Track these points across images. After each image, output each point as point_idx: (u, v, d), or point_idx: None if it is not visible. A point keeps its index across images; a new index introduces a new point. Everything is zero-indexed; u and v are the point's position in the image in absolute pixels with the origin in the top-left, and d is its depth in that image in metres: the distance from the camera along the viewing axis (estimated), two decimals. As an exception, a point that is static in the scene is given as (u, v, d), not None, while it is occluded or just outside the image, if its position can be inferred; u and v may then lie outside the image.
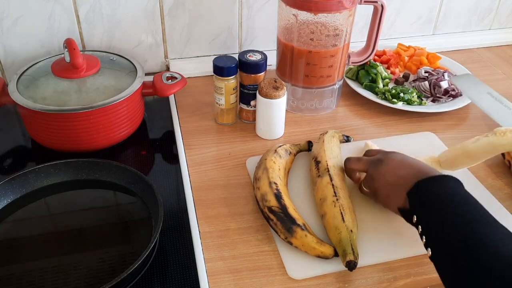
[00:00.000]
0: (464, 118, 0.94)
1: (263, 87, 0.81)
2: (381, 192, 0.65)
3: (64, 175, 0.73)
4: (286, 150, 0.77)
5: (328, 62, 0.85)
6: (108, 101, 0.77)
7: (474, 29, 1.25)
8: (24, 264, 0.62)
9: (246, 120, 0.90)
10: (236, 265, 0.64)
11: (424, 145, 0.85)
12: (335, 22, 0.81)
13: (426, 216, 0.56)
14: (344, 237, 0.62)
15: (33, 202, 0.71)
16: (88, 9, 0.94)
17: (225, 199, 0.74)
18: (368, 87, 0.98)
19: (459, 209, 0.54)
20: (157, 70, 1.06)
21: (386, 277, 0.63)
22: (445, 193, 0.56)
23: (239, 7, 1.02)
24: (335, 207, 0.65)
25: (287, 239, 0.64)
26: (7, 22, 0.91)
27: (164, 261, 0.64)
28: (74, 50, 0.79)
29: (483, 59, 1.17)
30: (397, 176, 0.62)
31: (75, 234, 0.67)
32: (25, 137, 0.87)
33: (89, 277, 0.60)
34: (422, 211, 0.57)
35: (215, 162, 0.81)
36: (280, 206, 0.66)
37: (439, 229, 0.54)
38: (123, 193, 0.72)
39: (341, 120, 0.92)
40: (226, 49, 1.08)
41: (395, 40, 1.16)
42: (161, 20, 1.00)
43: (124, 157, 0.83)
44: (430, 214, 0.56)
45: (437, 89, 0.97)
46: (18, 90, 0.79)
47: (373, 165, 0.67)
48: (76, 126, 0.78)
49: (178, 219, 0.70)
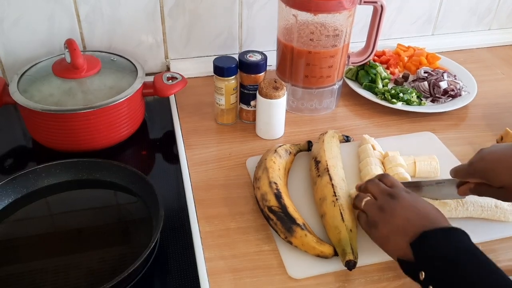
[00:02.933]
0: (463, 118, 0.94)
1: (263, 87, 0.81)
2: (381, 227, 0.59)
3: (64, 175, 0.74)
4: (286, 150, 0.77)
5: (327, 62, 0.85)
6: (109, 101, 0.78)
7: (473, 29, 1.25)
8: (25, 264, 0.62)
9: (246, 120, 0.91)
10: (236, 264, 0.64)
11: (424, 145, 0.85)
12: (334, 23, 0.81)
13: (438, 275, 0.51)
14: (344, 236, 0.63)
15: (34, 202, 0.71)
16: (88, 9, 0.94)
17: (225, 199, 0.74)
18: (367, 87, 0.98)
19: (470, 267, 0.51)
20: (158, 70, 1.07)
21: (385, 276, 0.63)
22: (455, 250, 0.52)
23: (239, 7, 1.02)
24: (335, 207, 0.66)
25: (287, 239, 0.64)
26: (8, 22, 0.91)
27: (164, 261, 0.64)
28: (74, 51, 0.79)
29: (483, 59, 1.17)
30: (404, 217, 0.57)
31: (76, 234, 0.67)
32: (26, 137, 0.87)
33: (89, 277, 0.60)
34: (433, 269, 0.52)
35: (215, 162, 0.81)
36: (280, 206, 0.66)
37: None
38: (124, 193, 0.73)
39: (341, 120, 0.93)
40: (226, 49, 1.08)
41: (394, 40, 1.16)
42: (162, 20, 1.00)
43: (125, 157, 0.84)
44: (443, 273, 0.51)
45: (436, 89, 0.97)
46: (19, 90, 0.79)
47: (385, 196, 0.61)
48: (76, 126, 0.78)
49: (178, 219, 0.70)
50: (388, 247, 0.59)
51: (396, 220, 0.58)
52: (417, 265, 0.53)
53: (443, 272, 0.51)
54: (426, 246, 0.53)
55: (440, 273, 0.51)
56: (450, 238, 0.53)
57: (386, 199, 0.60)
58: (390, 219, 0.58)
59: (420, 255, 0.53)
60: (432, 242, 0.53)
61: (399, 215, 0.58)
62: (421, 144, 0.85)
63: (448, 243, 0.53)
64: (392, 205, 0.59)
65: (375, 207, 0.61)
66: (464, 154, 0.83)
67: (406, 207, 0.58)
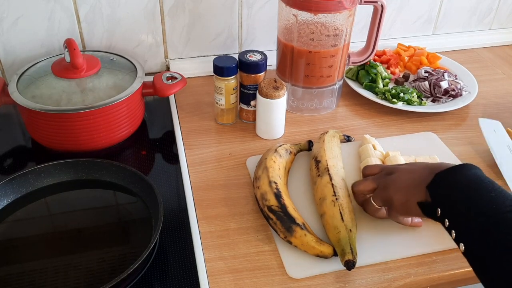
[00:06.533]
0: (464, 118, 0.94)
1: (263, 87, 0.81)
2: (397, 197, 0.61)
3: (64, 175, 0.73)
4: (287, 149, 0.77)
5: (328, 62, 0.85)
6: (108, 101, 0.77)
7: (474, 29, 1.25)
8: (24, 264, 0.62)
9: (246, 120, 0.91)
10: (236, 265, 0.64)
11: (425, 145, 0.85)
12: (335, 22, 0.81)
13: (452, 207, 0.53)
14: (343, 236, 0.62)
15: (33, 202, 0.71)
16: (88, 9, 0.94)
17: (225, 199, 0.74)
18: (368, 87, 0.98)
19: (486, 195, 0.51)
20: (157, 70, 1.06)
21: (386, 277, 0.63)
22: (467, 180, 0.54)
23: (239, 7, 1.02)
24: (335, 207, 0.65)
25: (286, 238, 0.64)
26: (7, 22, 0.91)
27: (164, 261, 0.64)
28: (74, 50, 0.79)
29: (483, 59, 1.16)
30: (411, 178, 0.60)
31: (75, 234, 0.67)
32: (25, 137, 0.87)
33: (89, 277, 0.60)
34: (446, 201, 0.54)
35: (215, 162, 0.81)
36: (280, 205, 0.66)
37: (468, 218, 0.51)
38: (123, 193, 0.72)
39: (341, 120, 0.92)
40: (226, 49, 1.08)
41: (395, 40, 1.16)
42: (161, 20, 1.00)
43: (124, 157, 0.83)
44: (456, 203, 0.53)
45: (437, 89, 0.97)
46: (18, 90, 0.79)
47: (382, 177, 0.64)
48: (76, 126, 0.78)
49: (178, 219, 0.70)
50: (409, 206, 0.60)
51: (404, 184, 0.60)
52: (433, 204, 0.56)
53: (454, 201, 0.53)
54: (440, 183, 0.56)
55: (452, 203, 0.53)
56: (462, 172, 0.55)
57: (386, 178, 0.64)
58: (400, 187, 0.61)
59: (436, 192, 0.56)
60: (444, 178, 0.56)
61: (406, 179, 0.61)
62: (422, 144, 0.85)
63: (460, 176, 0.55)
64: (393, 178, 0.63)
65: (379, 191, 0.64)
66: (465, 154, 0.84)
67: (408, 171, 0.62)
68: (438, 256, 0.65)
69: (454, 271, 0.64)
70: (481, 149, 0.85)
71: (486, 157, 0.83)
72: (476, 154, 0.84)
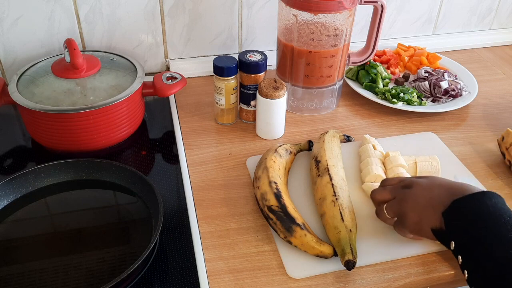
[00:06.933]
0: (464, 118, 0.94)
1: (263, 87, 0.81)
2: (410, 215, 0.60)
3: (64, 175, 0.73)
4: (287, 149, 0.77)
5: (328, 62, 0.85)
6: (108, 101, 0.77)
7: (474, 29, 1.25)
8: (24, 264, 0.62)
9: (246, 120, 0.91)
10: (236, 265, 0.64)
11: (425, 145, 0.85)
12: (335, 22, 0.81)
13: (466, 245, 0.50)
14: (343, 236, 0.62)
15: (33, 202, 0.71)
16: (88, 9, 0.94)
17: (225, 199, 0.74)
18: (368, 87, 0.98)
19: (505, 237, 0.48)
20: (157, 70, 1.06)
21: (386, 277, 0.63)
22: (486, 214, 0.50)
23: (239, 7, 1.02)
24: (335, 207, 0.65)
25: (286, 238, 0.64)
26: (7, 22, 0.91)
27: (164, 261, 0.64)
28: (74, 50, 0.79)
29: (483, 59, 1.16)
30: (428, 197, 0.58)
31: (75, 234, 0.67)
32: (25, 137, 0.87)
33: (89, 277, 0.60)
34: (461, 237, 0.51)
35: (215, 162, 0.81)
36: (280, 205, 0.66)
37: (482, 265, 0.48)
38: (123, 193, 0.72)
39: (341, 120, 0.92)
40: (226, 49, 1.08)
41: (395, 40, 1.16)
42: (161, 20, 1.00)
43: (124, 157, 0.83)
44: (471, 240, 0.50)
45: (437, 89, 0.97)
46: (18, 90, 0.79)
47: (400, 189, 0.63)
48: (76, 126, 0.78)
49: (178, 219, 0.70)
50: (422, 228, 0.59)
51: (421, 202, 0.58)
52: (448, 234, 0.53)
53: (471, 241, 0.50)
54: (457, 215, 0.53)
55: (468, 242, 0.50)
56: (480, 201, 0.52)
57: (403, 191, 0.61)
58: (415, 205, 0.59)
59: (451, 224, 0.53)
60: (462, 206, 0.53)
61: (423, 197, 0.58)
62: (422, 144, 0.85)
63: (478, 206, 0.51)
64: (411, 193, 0.60)
65: (394, 204, 0.62)
66: (465, 154, 0.83)
67: (427, 188, 0.59)
68: (438, 256, 0.65)
69: (454, 271, 0.64)
70: (481, 149, 0.85)
71: (486, 157, 0.83)
72: (476, 154, 0.84)
